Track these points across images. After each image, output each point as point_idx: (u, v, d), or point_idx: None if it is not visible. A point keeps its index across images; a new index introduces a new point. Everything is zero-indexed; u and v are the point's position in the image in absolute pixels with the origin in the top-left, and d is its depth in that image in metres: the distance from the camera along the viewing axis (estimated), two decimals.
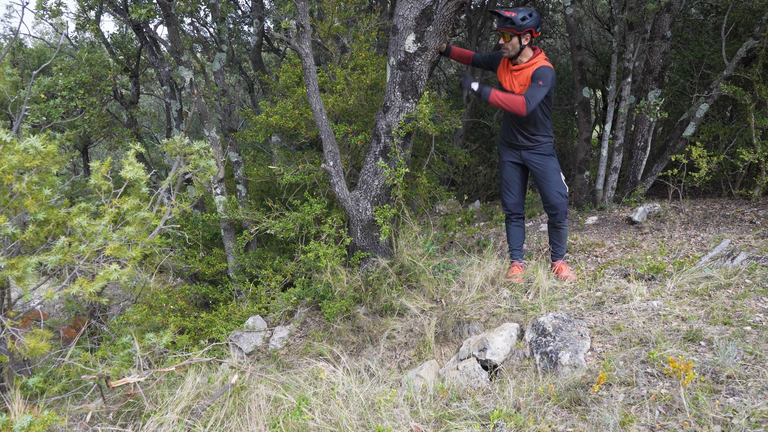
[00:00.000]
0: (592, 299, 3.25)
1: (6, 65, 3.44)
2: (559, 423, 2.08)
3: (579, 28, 6.06)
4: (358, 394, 2.35)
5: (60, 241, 2.09)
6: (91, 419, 2.17)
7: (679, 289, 3.05)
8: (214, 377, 2.50)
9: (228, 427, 2.19)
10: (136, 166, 2.33)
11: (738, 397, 1.98)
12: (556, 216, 3.62)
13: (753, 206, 4.54)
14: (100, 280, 2.06)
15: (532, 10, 3.32)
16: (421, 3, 3.44)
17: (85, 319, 3.50)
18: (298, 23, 3.64)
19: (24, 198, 2.06)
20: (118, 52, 6.93)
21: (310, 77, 3.73)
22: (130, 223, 2.32)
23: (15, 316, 2.18)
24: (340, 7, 4.87)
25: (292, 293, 4.15)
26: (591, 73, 7.87)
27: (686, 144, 5.03)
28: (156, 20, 6.09)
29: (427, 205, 4.32)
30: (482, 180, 7.92)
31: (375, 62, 4.62)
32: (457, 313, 3.45)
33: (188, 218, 5.11)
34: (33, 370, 2.35)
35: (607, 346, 2.58)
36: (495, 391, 2.48)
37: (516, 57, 3.37)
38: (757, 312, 2.62)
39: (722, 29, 4.91)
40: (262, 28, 6.53)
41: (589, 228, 4.88)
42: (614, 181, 5.45)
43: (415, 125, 3.68)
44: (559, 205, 3.56)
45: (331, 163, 3.80)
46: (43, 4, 5.47)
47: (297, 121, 4.56)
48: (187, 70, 4.76)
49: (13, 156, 1.99)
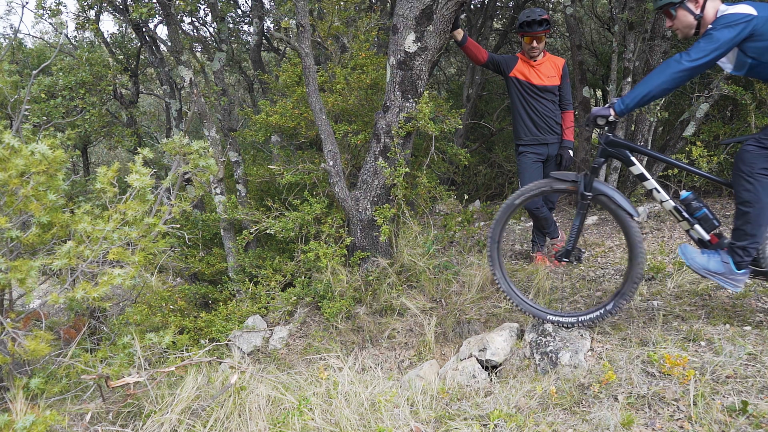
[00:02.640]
0: (593, 299, 3.25)
1: (5, 62, 3.44)
2: (559, 423, 2.08)
3: (579, 28, 6.06)
4: (358, 394, 2.35)
5: (66, 245, 2.09)
6: (91, 419, 2.17)
7: (679, 289, 3.06)
8: (214, 377, 2.50)
9: (228, 427, 2.19)
10: (143, 173, 2.31)
11: (738, 397, 1.98)
12: (553, 207, 3.89)
13: None
14: (104, 285, 2.06)
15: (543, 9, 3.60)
16: (421, 2, 3.43)
17: (85, 319, 3.50)
18: (298, 23, 3.63)
19: (29, 201, 2.06)
20: (118, 51, 6.92)
21: (310, 77, 3.72)
22: (130, 224, 2.31)
23: (16, 318, 2.18)
24: (340, 7, 4.87)
25: (291, 293, 4.15)
26: (591, 72, 7.87)
27: (686, 144, 5.03)
28: (156, 20, 6.09)
29: (427, 205, 4.32)
30: (482, 180, 7.91)
31: (375, 62, 4.62)
32: (457, 313, 3.45)
33: (188, 218, 5.11)
34: (33, 371, 2.35)
35: (607, 346, 2.59)
36: (495, 391, 2.48)
37: (539, 54, 3.66)
38: (757, 312, 2.62)
39: None
40: (261, 28, 6.53)
41: (590, 228, 4.88)
42: (614, 181, 5.45)
43: (415, 125, 3.68)
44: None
45: (331, 162, 3.80)
46: (43, 3, 5.46)
47: (297, 121, 4.56)
48: (187, 70, 4.76)
49: (20, 160, 1.99)
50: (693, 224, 2.47)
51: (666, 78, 2.20)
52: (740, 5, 2.20)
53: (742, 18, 2.14)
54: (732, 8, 2.20)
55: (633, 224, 2.55)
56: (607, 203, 2.59)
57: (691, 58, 2.16)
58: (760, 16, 2.14)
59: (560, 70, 3.69)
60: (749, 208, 2.21)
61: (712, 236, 2.44)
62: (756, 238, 2.23)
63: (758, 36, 2.14)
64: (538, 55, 3.63)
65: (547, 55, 3.70)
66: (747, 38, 2.16)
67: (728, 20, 2.16)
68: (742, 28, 2.13)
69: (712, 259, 2.35)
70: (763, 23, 2.13)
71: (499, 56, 3.74)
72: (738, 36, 2.14)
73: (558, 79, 3.68)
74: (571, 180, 2.62)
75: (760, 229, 2.22)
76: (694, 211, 2.47)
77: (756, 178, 2.18)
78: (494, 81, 8.64)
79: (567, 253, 2.79)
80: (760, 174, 2.17)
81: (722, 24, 2.16)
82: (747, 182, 2.19)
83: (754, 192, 2.19)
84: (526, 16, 3.53)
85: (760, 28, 2.13)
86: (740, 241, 2.27)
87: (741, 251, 2.28)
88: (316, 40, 5.00)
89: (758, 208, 2.20)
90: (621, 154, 2.56)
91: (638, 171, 2.58)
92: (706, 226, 2.44)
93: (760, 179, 2.18)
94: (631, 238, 2.56)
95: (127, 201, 2.37)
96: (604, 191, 2.58)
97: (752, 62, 2.21)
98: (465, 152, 4.73)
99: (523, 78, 3.66)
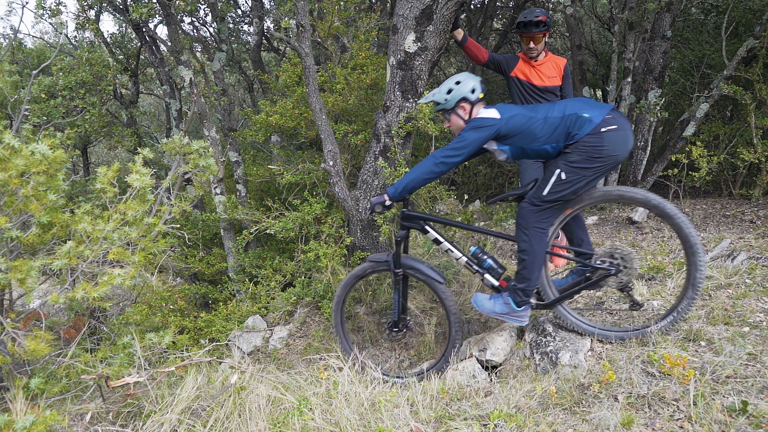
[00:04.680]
0: (593, 299, 3.25)
1: (5, 62, 3.43)
2: (559, 423, 2.08)
3: (579, 28, 6.06)
4: (358, 394, 2.35)
5: (66, 245, 2.08)
6: (91, 419, 2.17)
7: (679, 289, 3.05)
8: (214, 377, 2.50)
9: (228, 427, 2.19)
10: (143, 173, 2.31)
11: (738, 397, 1.98)
12: None
13: (753, 206, 4.54)
14: (104, 285, 2.06)
15: (543, 9, 3.60)
16: (421, 2, 3.43)
17: (85, 319, 3.50)
18: (298, 23, 3.63)
19: (29, 201, 2.05)
20: (118, 51, 6.92)
21: (310, 77, 3.72)
22: (130, 224, 2.31)
23: (16, 318, 2.17)
24: (340, 7, 4.87)
25: (291, 293, 4.15)
26: (591, 72, 7.87)
27: (686, 144, 5.03)
28: (156, 20, 6.09)
29: (427, 205, 4.32)
30: (482, 180, 7.90)
31: (375, 62, 4.62)
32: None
33: (188, 218, 5.11)
34: (33, 371, 2.35)
35: (607, 346, 2.59)
36: (495, 391, 2.48)
37: (539, 54, 3.65)
38: (757, 312, 2.62)
39: (722, 29, 4.91)
40: (261, 28, 6.52)
41: (590, 228, 4.88)
42: (614, 181, 5.44)
43: (415, 125, 3.68)
44: None
45: (331, 162, 3.80)
46: (43, 3, 5.46)
47: (297, 121, 4.56)
48: (187, 70, 4.76)
49: (21, 160, 1.99)
50: (483, 274, 2.83)
51: (426, 170, 2.59)
52: (490, 110, 2.58)
53: (487, 122, 2.53)
54: (483, 112, 2.59)
55: (443, 289, 2.88)
56: (417, 275, 2.91)
57: (444, 155, 2.56)
58: (503, 118, 2.53)
59: (562, 70, 3.68)
60: (525, 255, 2.58)
61: (501, 281, 2.80)
62: (531, 281, 2.60)
63: (503, 134, 2.54)
64: (537, 55, 3.63)
65: (549, 55, 3.69)
66: (497, 136, 2.55)
67: (477, 124, 2.55)
68: (488, 131, 2.52)
69: (497, 303, 2.71)
70: (505, 124, 2.52)
71: (500, 56, 3.74)
72: (485, 136, 2.53)
73: (559, 80, 3.67)
74: (384, 260, 2.95)
75: (534, 274, 2.59)
76: (482, 263, 2.83)
77: (530, 232, 2.55)
78: (494, 81, 8.63)
79: (395, 324, 3.06)
80: (533, 228, 2.54)
81: (472, 126, 2.55)
82: (523, 234, 2.56)
83: (528, 243, 2.56)
84: (523, 16, 3.55)
85: (504, 129, 2.52)
86: (520, 284, 2.63)
87: (521, 292, 2.62)
88: (316, 40, 5.00)
89: (532, 256, 2.56)
90: (417, 225, 2.89)
91: (433, 237, 2.88)
92: (494, 274, 2.81)
93: (533, 232, 2.54)
94: (444, 303, 2.89)
95: (127, 201, 2.37)
96: (411, 265, 2.91)
97: (508, 151, 2.61)
98: None
99: (524, 78, 3.65)
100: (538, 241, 2.55)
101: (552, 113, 2.50)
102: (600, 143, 2.39)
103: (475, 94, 2.65)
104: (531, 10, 3.57)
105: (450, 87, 2.66)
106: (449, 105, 2.68)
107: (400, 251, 2.89)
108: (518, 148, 2.57)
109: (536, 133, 2.49)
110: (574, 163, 2.42)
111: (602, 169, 2.43)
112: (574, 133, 2.43)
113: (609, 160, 2.41)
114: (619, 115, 2.46)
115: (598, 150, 2.39)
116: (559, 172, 2.45)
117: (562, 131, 2.45)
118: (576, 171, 2.42)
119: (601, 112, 2.42)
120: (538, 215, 2.53)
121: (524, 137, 2.52)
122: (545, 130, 2.48)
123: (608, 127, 2.39)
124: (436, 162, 2.56)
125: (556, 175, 2.45)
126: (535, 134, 2.49)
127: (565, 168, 2.44)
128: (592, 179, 2.46)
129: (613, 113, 2.44)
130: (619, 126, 2.41)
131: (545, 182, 2.49)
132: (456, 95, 2.65)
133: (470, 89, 2.64)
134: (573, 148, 2.43)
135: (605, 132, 2.39)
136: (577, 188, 2.46)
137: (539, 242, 2.56)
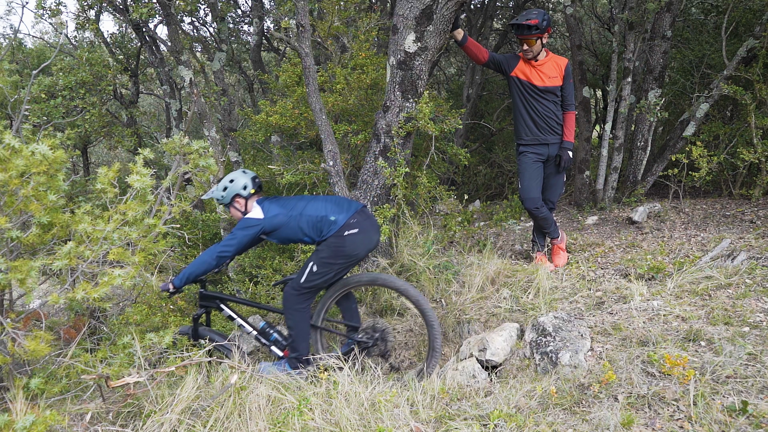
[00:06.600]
0: (593, 299, 3.25)
1: (5, 62, 3.43)
2: (559, 423, 2.08)
3: (579, 28, 6.06)
4: (358, 394, 2.35)
5: (66, 246, 2.08)
6: (91, 419, 2.17)
7: (679, 289, 3.06)
8: (214, 377, 2.50)
9: (228, 427, 2.19)
10: (144, 174, 2.32)
11: (738, 397, 1.98)
12: (553, 207, 3.92)
13: (753, 206, 4.54)
14: (104, 286, 2.06)
15: (543, 11, 3.55)
16: (421, 2, 3.43)
17: (85, 319, 3.49)
18: (298, 23, 3.63)
19: (29, 202, 2.05)
20: (118, 51, 6.93)
21: (310, 77, 3.72)
22: (130, 224, 2.31)
23: (16, 318, 2.17)
24: (340, 7, 4.87)
25: None
26: (591, 72, 7.87)
27: (686, 144, 5.03)
28: (156, 20, 6.09)
29: (427, 205, 4.32)
30: (482, 180, 7.91)
31: (375, 62, 4.62)
32: (457, 313, 3.45)
33: (188, 218, 5.11)
34: (33, 371, 2.35)
35: (607, 346, 2.59)
36: (495, 391, 2.48)
37: (536, 55, 3.62)
38: (757, 312, 2.62)
39: (723, 29, 4.91)
40: (261, 28, 6.53)
41: (590, 228, 4.88)
42: (614, 181, 5.45)
43: (415, 125, 3.68)
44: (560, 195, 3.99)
45: (331, 162, 3.80)
46: (43, 3, 5.46)
47: (297, 121, 4.56)
48: (187, 70, 4.76)
49: (21, 161, 1.99)
50: (269, 347, 3.19)
51: (205, 261, 2.89)
52: (257, 209, 2.92)
53: (252, 222, 2.88)
54: (252, 212, 2.93)
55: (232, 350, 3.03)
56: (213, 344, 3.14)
57: (219, 250, 2.87)
58: (266, 218, 2.88)
59: (563, 70, 3.66)
60: (293, 331, 2.99)
61: (284, 351, 3.15)
62: (300, 351, 3.00)
63: (268, 230, 2.91)
64: (532, 57, 3.60)
65: (550, 55, 3.67)
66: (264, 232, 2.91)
67: (244, 224, 2.88)
68: (254, 229, 2.87)
69: (279, 368, 3.02)
70: (268, 222, 2.88)
71: (500, 56, 3.73)
72: (252, 233, 2.87)
73: (560, 80, 3.65)
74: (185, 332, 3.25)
75: (302, 345, 3.00)
76: (269, 336, 3.19)
77: (294, 312, 2.96)
78: (494, 81, 8.64)
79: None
80: (296, 310, 2.96)
81: (240, 226, 2.89)
82: (290, 314, 2.98)
83: (293, 320, 2.97)
84: (517, 18, 3.56)
85: (268, 226, 2.89)
86: (293, 353, 3.04)
87: (294, 360, 3.02)
88: (316, 40, 5.00)
89: (297, 332, 2.98)
90: (213, 304, 3.22)
91: (227, 314, 3.20)
92: (279, 346, 3.18)
93: (297, 313, 2.96)
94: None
95: (127, 201, 2.37)
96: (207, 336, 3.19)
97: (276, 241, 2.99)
98: (465, 152, 4.72)
99: (524, 78, 3.64)
100: (302, 319, 2.98)
101: (308, 211, 2.91)
102: (342, 244, 2.85)
103: (247, 190, 2.99)
104: (527, 12, 3.56)
105: (225, 185, 3.00)
106: (226, 200, 3.02)
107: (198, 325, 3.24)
108: (284, 238, 2.97)
109: (294, 229, 2.91)
110: (323, 258, 2.87)
111: (347, 264, 2.92)
112: (325, 232, 2.87)
113: (351, 258, 2.90)
114: (363, 218, 2.93)
115: (341, 249, 2.86)
116: (312, 265, 2.89)
117: (316, 229, 2.89)
118: (325, 264, 2.87)
119: (345, 216, 2.87)
120: (298, 298, 2.94)
121: (285, 231, 2.92)
122: (302, 226, 2.89)
123: (349, 231, 2.85)
124: (212, 256, 2.88)
125: (309, 267, 2.89)
126: (294, 229, 2.91)
127: (317, 262, 2.88)
128: (339, 271, 2.93)
129: (357, 216, 2.90)
130: (360, 229, 2.88)
131: (302, 273, 2.91)
132: (230, 192, 2.99)
133: (242, 186, 2.99)
134: (323, 245, 2.89)
135: (347, 235, 2.85)
136: (327, 278, 2.92)
137: (302, 320, 2.98)
